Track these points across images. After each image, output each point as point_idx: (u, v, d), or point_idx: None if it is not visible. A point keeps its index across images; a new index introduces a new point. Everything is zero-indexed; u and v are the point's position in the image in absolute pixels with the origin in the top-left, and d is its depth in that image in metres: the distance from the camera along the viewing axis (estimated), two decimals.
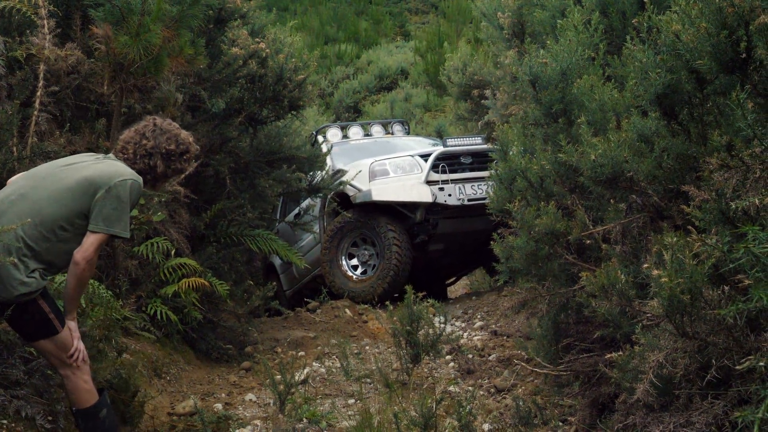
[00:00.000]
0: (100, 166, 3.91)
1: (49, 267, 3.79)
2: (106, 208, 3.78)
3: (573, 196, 4.60)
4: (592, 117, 4.28)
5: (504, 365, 6.36)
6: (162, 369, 5.95)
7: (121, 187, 3.82)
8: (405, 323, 5.78)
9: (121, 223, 3.82)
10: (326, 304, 8.55)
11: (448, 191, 8.09)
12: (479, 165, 8.26)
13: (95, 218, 3.78)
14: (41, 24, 5.58)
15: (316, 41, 26.52)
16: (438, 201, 8.06)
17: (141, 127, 4.09)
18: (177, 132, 4.10)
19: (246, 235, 7.32)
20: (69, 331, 3.88)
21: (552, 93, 4.56)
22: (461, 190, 8.12)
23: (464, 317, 8.34)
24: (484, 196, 7.90)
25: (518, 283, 5.08)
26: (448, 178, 8.14)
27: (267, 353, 7.08)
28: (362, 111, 23.39)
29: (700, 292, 3.06)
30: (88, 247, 3.77)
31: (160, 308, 6.04)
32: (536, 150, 4.84)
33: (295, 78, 7.67)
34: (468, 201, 8.11)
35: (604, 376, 4.37)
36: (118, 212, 3.80)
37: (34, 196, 3.80)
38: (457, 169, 8.31)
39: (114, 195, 3.80)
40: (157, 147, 4.02)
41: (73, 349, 3.89)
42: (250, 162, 7.63)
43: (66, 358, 3.88)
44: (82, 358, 3.93)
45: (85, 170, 3.87)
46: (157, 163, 4.03)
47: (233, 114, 7.45)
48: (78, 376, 3.92)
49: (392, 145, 10.18)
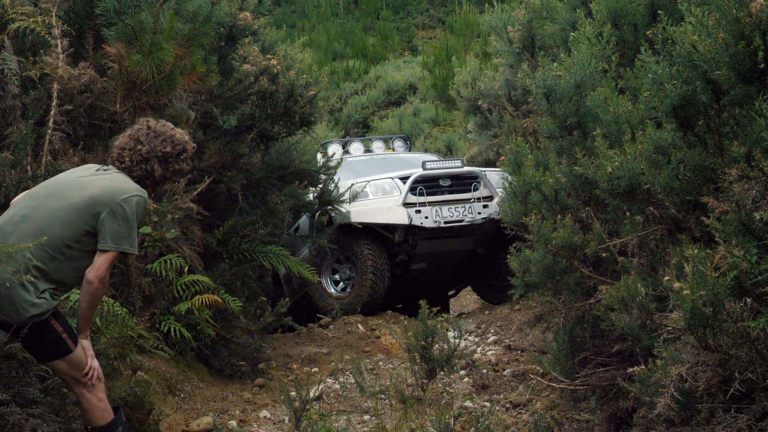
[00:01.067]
0: (104, 183, 3.85)
1: (59, 286, 3.76)
2: (113, 226, 3.75)
3: (588, 209, 4.58)
4: (607, 129, 4.26)
5: (519, 380, 6.32)
6: (176, 386, 5.93)
7: (126, 204, 3.80)
8: (419, 338, 5.75)
9: (129, 240, 3.79)
10: (339, 320, 8.52)
11: (425, 213, 8.27)
12: (458, 187, 8.48)
13: (103, 237, 3.75)
14: (54, 43, 5.59)
15: (324, 58, 26.60)
16: (414, 223, 8.24)
17: (135, 131, 4.02)
18: (171, 133, 4.02)
19: (258, 252, 7.30)
20: (82, 349, 3.86)
21: (566, 106, 4.55)
22: (438, 212, 8.30)
23: (477, 331, 8.29)
24: (461, 218, 8.21)
25: (533, 297, 5.04)
26: (425, 200, 8.31)
27: (281, 370, 7.05)
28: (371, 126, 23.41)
29: (722, 304, 3.02)
30: (100, 266, 3.74)
31: (174, 325, 6.02)
32: (550, 163, 4.82)
33: (306, 94, 7.68)
34: (444, 223, 8.31)
35: (622, 391, 4.33)
36: (125, 230, 3.78)
37: (38, 216, 3.76)
38: (436, 191, 8.47)
39: (120, 213, 3.77)
40: (152, 151, 3.96)
41: (87, 367, 3.86)
42: (262, 178, 7.62)
43: (80, 377, 3.85)
44: (97, 376, 3.90)
45: (89, 188, 3.82)
46: (155, 167, 3.97)
47: (245, 130, 7.45)
48: (93, 395, 3.89)
49: (391, 161, 10.23)
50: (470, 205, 8.30)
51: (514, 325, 7.99)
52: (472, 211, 8.32)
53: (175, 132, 4.04)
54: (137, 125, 4.05)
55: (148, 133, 3.99)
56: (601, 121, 4.33)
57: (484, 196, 8.50)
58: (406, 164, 9.88)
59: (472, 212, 8.32)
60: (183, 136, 4.05)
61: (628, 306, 3.64)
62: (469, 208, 8.29)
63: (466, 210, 8.26)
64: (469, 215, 8.29)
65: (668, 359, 3.32)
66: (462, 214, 8.26)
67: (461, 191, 8.44)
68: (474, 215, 8.35)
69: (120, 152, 3.99)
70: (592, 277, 4.47)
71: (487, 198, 8.51)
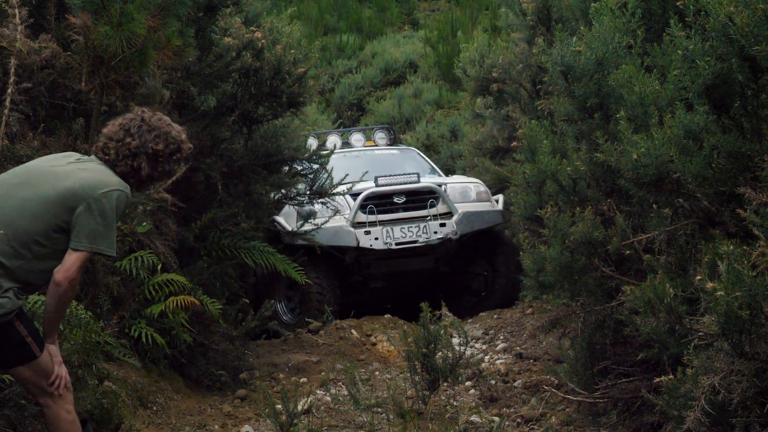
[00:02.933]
0: (83, 175, 3.82)
1: (25, 286, 3.75)
2: (90, 223, 3.72)
3: (610, 201, 4.58)
4: (632, 112, 4.25)
5: (531, 392, 6.34)
6: (148, 398, 5.93)
7: (106, 199, 3.77)
8: (420, 345, 5.75)
9: (107, 240, 3.77)
10: (330, 325, 8.53)
11: (375, 234, 8.43)
12: (414, 204, 8.58)
13: (77, 235, 3.72)
14: (12, 13, 5.58)
15: (314, 32, 26.55)
16: (362, 245, 8.36)
17: (127, 121, 4.00)
18: (167, 129, 4.01)
19: (240, 248, 7.30)
20: (49, 355, 3.85)
21: (586, 85, 4.54)
22: (389, 233, 8.43)
23: (485, 338, 8.31)
24: (414, 239, 8.32)
25: (548, 300, 5.05)
26: (376, 219, 8.41)
27: (265, 380, 7.05)
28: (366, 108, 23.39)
29: (760, 307, 3.03)
30: (70, 267, 3.72)
31: (145, 330, 6.02)
32: (568, 149, 4.82)
33: (294, 71, 7.66)
34: (396, 245, 8.44)
35: (646, 404, 4.34)
36: (103, 228, 3.75)
37: (5, 206, 3.75)
38: (389, 209, 8.58)
39: (98, 209, 3.74)
40: (143, 146, 3.94)
41: (54, 375, 3.86)
42: (245, 165, 7.61)
43: (46, 386, 3.85)
44: (64, 385, 3.89)
45: (65, 179, 3.80)
46: (142, 164, 3.95)
47: (226, 112, 7.44)
48: (60, 406, 3.89)
49: (366, 160, 10.13)
50: (426, 224, 8.45)
51: (526, 330, 8.01)
52: (427, 230, 8.45)
53: (172, 129, 4.03)
54: (131, 114, 4.03)
55: (141, 125, 3.98)
56: (626, 103, 4.33)
57: (442, 213, 8.59)
58: (382, 165, 9.86)
59: (427, 232, 8.44)
60: (180, 135, 4.04)
61: (654, 309, 3.65)
62: (424, 228, 8.43)
63: (420, 230, 8.39)
64: (423, 235, 8.44)
65: (699, 368, 3.33)
66: (416, 234, 8.42)
67: (417, 208, 8.57)
68: (429, 235, 8.45)
69: (106, 142, 3.97)
70: (615, 276, 4.48)
71: (446, 215, 8.59)
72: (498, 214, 8.90)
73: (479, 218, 8.75)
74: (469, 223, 8.64)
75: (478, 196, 9.00)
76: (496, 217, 8.90)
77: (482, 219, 8.77)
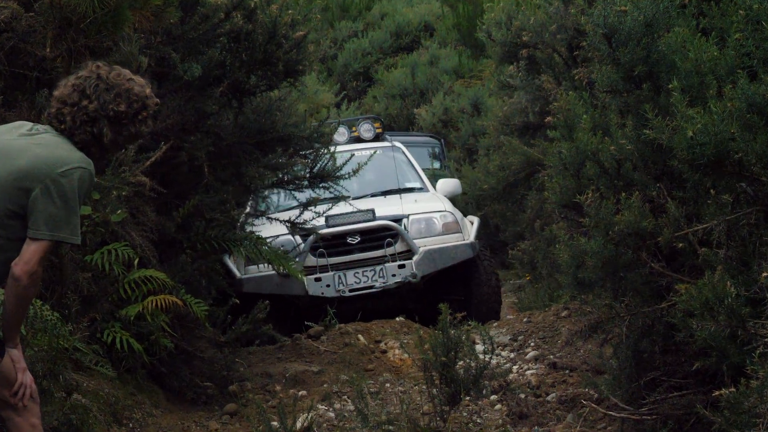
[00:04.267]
0: (37, 151, 3.79)
1: None
2: (48, 207, 3.71)
3: (660, 186, 4.57)
4: (686, 81, 4.24)
5: (567, 408, 6.35)
6: (123, 413, 5.96)
7: (66, 179, 3.75)
8: (439, 353, 5.75)
9: (69, 226, 3.76)
10: (333, 329, 8.55)
11: (326, 281, 8.67)
12: (370, 243, 8.80)
13: (35, 221, 3.70)
14: None
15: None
16: (312, 293, 8.59)
17: (81, 80, 3.90)
18: (128, 85, 3.92)
19: (229, 240, 7.31)
20: (11, 361, 3.86)
21: (633, 51, 4.52)
22: (341, 279, 8.68)
23: (513, 345, 8.31)
24: (370, 284, 8.59)
25: (588, 300, 5.05)
26: (327, 263, 8.65)
27: (258, 393, 7.07)
28: (374, 78, 23.37)
29: None
30: (29, 258, 3.71)
31: (120, 335, 6.04)
32: (611, 126, 4.80)
33: (292, 35, 7.65)
34: (349, 292, 8.66)
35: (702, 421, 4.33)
36: (64, 212, 3.74)
37: None
38: (342, 251, 8.81)
39: (57, 191, 3.72)
40: (102, 109, 3.85)
41: (17, 384, 3.87)
42: (234, 144, 7.62)
43: (8, 397, 3.87)
44: (29, 395, 3.91)
45: (17, 157, 3.76)
46: (104, 130, 3.88)
47: (212, 82, 7.43)
48: (24, 419, 3.90)
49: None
50: (382, 267, 8.70)
51: (561, 336, 8.00)
52: (384, 273, 8.69)
53: (134, 84, 3.94)
54: (85, 72, 3.93)
55: (98, 84, 3.91)
56: (679, 71, 4.31)
57: (402, 251, 8.78)
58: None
59: (384, 275, 8.68)
60: (143, 89, 3.95)
61: (713, 311, 3.64)
62: (381, 271, 8.69)
63: (376, 273, 8.65)
64: (380, 279, 8.69)
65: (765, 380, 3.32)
66: (371, 279, 8.66)
67: (374, 248, 8.80)
68: (386, 279, 8.68)
69: (60, 108, 3.90)
70: (665, 273, 4.47)
71: (406, 253, 8.77)
72: (467, 248, 9.01)
73: (443, 255, 8.91)
74: (431, 262, 8.82)
75: (445, 227, 9.11)
76: (464, 252, 9.01)
77: (447, 256, 8.93)
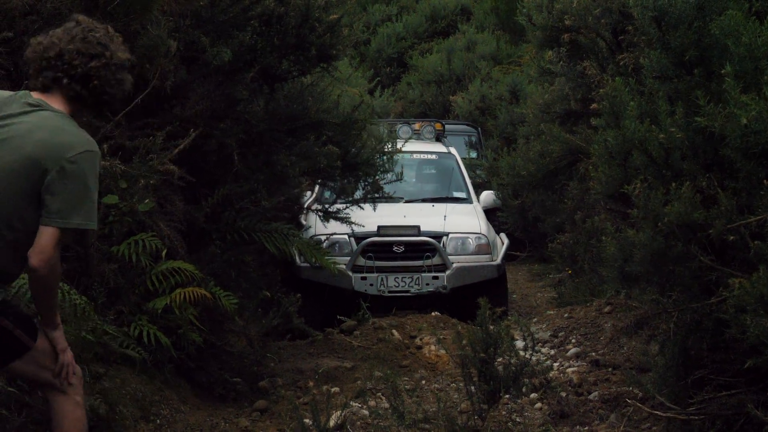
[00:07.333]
0: (42, 136, 3.77)
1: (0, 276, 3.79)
2: (64, 192, 3.71)
3: (711, 176, 4.55)
4: (740, 67, 4.21)
5: (610, 407, 6.33)
6: (150, 409, 5.98)
7: (85, 162, 3.77)
8: (477, 349, 5.74)
9: (83, 211, 3.76)
10: (366, 324, 8.54)
11: (370, 281, 10.20)
12: (411, 254, 10.38)
13: (48, 208, 3.71)
14: None
15: None
16: (357, 290, 10.08)
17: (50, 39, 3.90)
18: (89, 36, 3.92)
19: (260, 231, 7.32)
20: (47, 343, 3.90)
21: (684, 34, 4.50)
22: (383, 281, 10.20)
23: (554, 341, 8.29)
24: (407, 288, 10.22)
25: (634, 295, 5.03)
26: (373, 265, 10.22)
27: (289, 389, 7.09)
28: (409, 64, 23.35)
29: None
30: (44, 247, 3.71)
31: (147, 328, 6.06)
32: (660, 113, 4.77)
33: (325, 18, 7.63)
34: (388, 293, 10.17)
35: (753, 422, 4.34)
36: (80, 197, 3.75)
37: None
38: (388, 256, 10.38)
39: (75, 174, 3.73)
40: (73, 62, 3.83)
41: (59, 365, 3.91)
42: (265, 131, 7.61)
43: (51, 378, 3.91)
44: (72, 372, 3.95)
45: (24, 145, 3.74)
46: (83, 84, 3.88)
47: (243, 67, 7.43)
48: (69, 396, 3.94)
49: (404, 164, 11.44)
50: (419, 276, 10.24)
51: (604, 333, 7.99)
52: (419, 282, 10.23)
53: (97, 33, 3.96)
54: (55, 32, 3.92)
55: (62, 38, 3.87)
56: (732, 56, 4.29)
57: (437, 264, 10.28)
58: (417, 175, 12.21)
59: (419, 283, 10.23)
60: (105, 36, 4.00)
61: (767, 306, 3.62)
62: (417, 279, 10.24)
63: (413, 281, 10.21)
64: (415, 286, 10.24)
65: None
66: (408, 284, 10.24)
67: (414, 258, 10.35)
68: (421, 286, 10.21)
69: (39, 70, 3.89)
70: (715, 267, 4.45)
71: (440, 267, 10.27)
72: (493, 269, 10.52)
73: (472, 273, 10.42)
74: (461, 277, 10.31)
75: (478, 248, 10.61)
76: (491, 272, 10.51)
77: (476, 274, 10.43)
